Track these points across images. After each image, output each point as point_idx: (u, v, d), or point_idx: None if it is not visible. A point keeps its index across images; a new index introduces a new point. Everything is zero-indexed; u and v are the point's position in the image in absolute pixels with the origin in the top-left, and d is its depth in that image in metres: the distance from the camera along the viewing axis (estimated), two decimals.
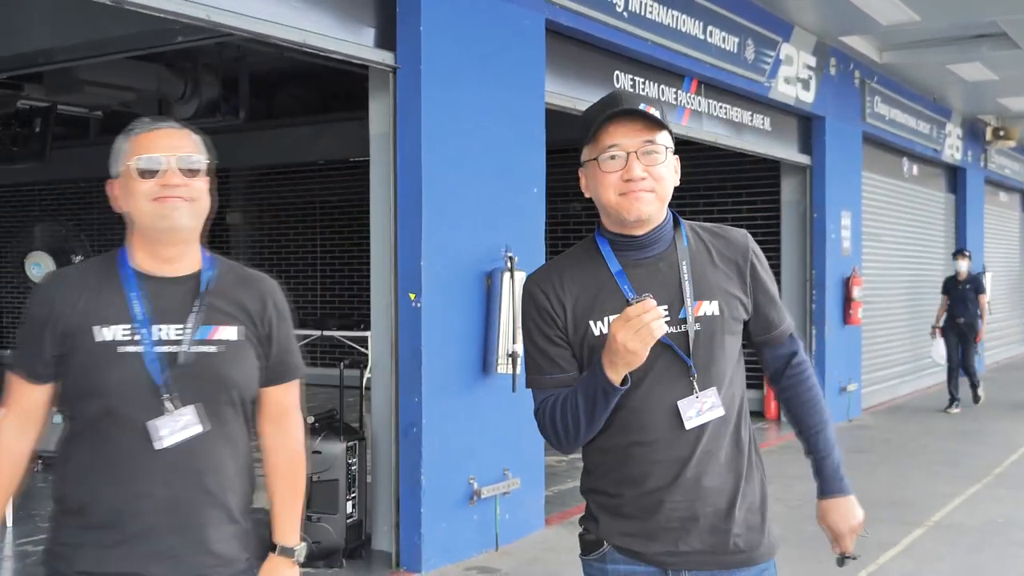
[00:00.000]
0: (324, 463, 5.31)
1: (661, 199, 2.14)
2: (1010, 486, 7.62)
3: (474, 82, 5.72)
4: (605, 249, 2.20)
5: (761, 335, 2.30)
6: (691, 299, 2.15)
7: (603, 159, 2.12)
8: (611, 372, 2.01)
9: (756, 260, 2.26)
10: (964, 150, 15.15)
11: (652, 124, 2.13)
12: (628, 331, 1.95)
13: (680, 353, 2.13)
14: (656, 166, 2.12)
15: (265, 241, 15.03)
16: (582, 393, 2.09)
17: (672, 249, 2.19)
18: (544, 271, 2.27)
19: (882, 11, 9.14)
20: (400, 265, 5.44)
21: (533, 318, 2.21)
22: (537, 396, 2.22)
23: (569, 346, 2.19)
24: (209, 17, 4.37)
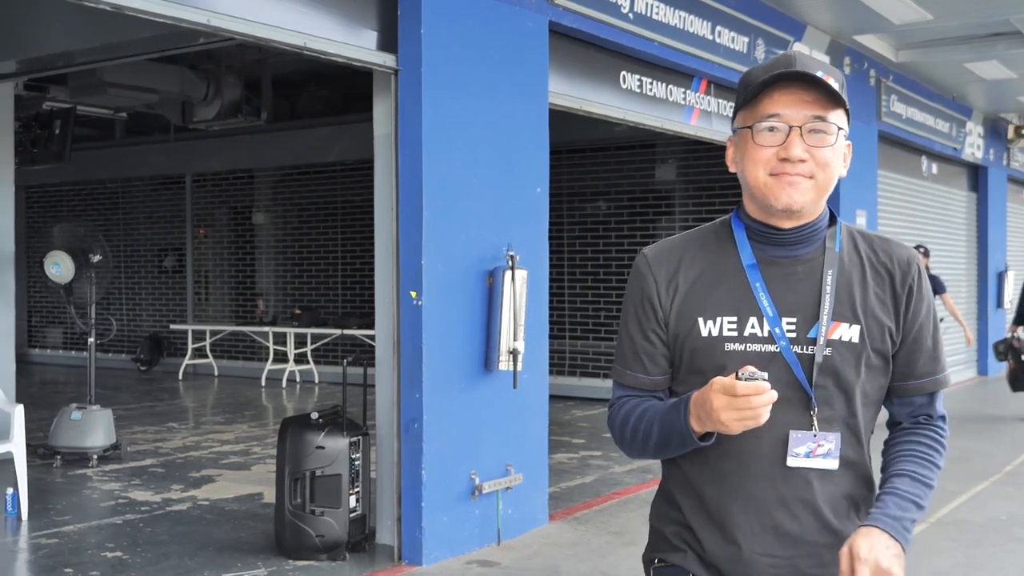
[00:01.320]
0: (328, 458, 5.42)
1: (820, 190, 1.80)
2: (1018, 484, 7.62)
3: (476, 83, 5.82)
4: (740, 236, 1.89)
5: (898, 379, 1.90)
6: (828, 316, 1.80)
7: (759, 129, 1.80)
8: (696, 424, 1.74)
9: (917, 287, 1.87)
10: (986, 148, 15.07)
11: (827, 97, 1.78)
12: (730, 409, 1.65)
13: (801, 378, 1.80)
14: (822, 148, 1.78)
15: (288, 241, 15.21)
16: (660, 423, 1.83)
17: (819, 252, 1.85)
18: (661, 248, 1.95)
19: (894, 10, 9.15)
20: (402, 264, 5.55)
21: (633, 300, 1.92)
22: (615, 388, 1.97)
23: (664, 344, 1.90)
24: (209, 22, 4.49)
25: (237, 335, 15.00)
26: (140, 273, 16.54)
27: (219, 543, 5.84)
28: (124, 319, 16.50)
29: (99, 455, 8.00)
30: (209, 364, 14.89)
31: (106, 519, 6.42)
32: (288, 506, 5.44)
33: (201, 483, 7.49)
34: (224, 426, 10.31)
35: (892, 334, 1.85)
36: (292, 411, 11.79)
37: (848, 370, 1.82)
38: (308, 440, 5.44)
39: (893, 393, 1.92)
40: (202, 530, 6.13)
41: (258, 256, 15.54)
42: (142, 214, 16.54)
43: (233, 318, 15.59)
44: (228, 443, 9.26)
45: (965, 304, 15.26)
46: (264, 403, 12.48)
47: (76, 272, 8.09)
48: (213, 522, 6.33)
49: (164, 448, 8.94)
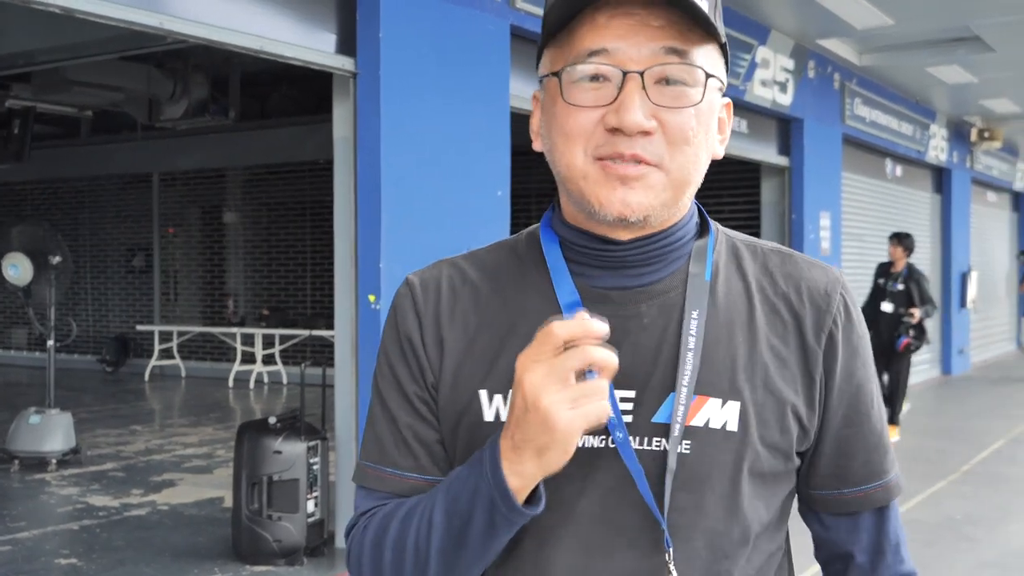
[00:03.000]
0: (286, 463, 5.41)
1: (678, 184, 1.09)
2: (975, 484, 7.71)
3: (436, 87, 5.82)
4: (552, 256, 1.15)
5: (826, 486, 1.18)
6: (688, 388, 1.08)
7: (572, 77, 1.07)
8: (511, 468, 0.99)
9: (844, 334, 1.15)
10: (949, 151, 15.22)
11: (688, 20, 1.05)
12: (555, 383, 0.95)
13: (645, 494, 1.06)
14: (680, 110, 1.06)
15: (257, 240, 15.16)
16: (444, 503, 1.05)
17: (677, 281, 1.14)
18: (433, 275, 1.20)
19: (856, 15, 9.23)
20: (360, 267, 5.55)
21: (391, 353, 1.19)
22: (361, 500, 1.19)
23: (438, 423, 1.16)
24: (162, 25, 4.47)
25: (205, 336, 14.92)
26: (107, 273, 16.42)
27: (176, 549, 5.81)
28: (90, 319, 16.37)
29: (58, 459, 7.93)
30: (176, 365, 14.80)
31: (62, 525, 6.37)
32: (245, 511, 5.42)
33: (161, 487, 7.44)
34: (189, 428, 10.25)
35: (800, 416, 1.12)
36: (260, 413, 11.75)
37: (721, 480, 1.08)
38: (265, 445, 5.42)
39: (815, 507, 1.20)
40: (160, 536, 6.10)
41: (227, 256, 15.47)
42: (109, 213, 16.42)
43: (201, 319, 15.51)
44: (192, 446, 9.22)
45: None
46: (231, 405, 12.42)
47: (35, 274, 8.03)
48: (171, 527, 6.30)
49: (126, 451, 8.88)
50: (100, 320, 16.43)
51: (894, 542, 1.20)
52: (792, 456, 1.14)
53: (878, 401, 1.20)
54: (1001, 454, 8.95)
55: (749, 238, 1.23)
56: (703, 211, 1.21)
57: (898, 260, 9.67)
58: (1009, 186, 19.19)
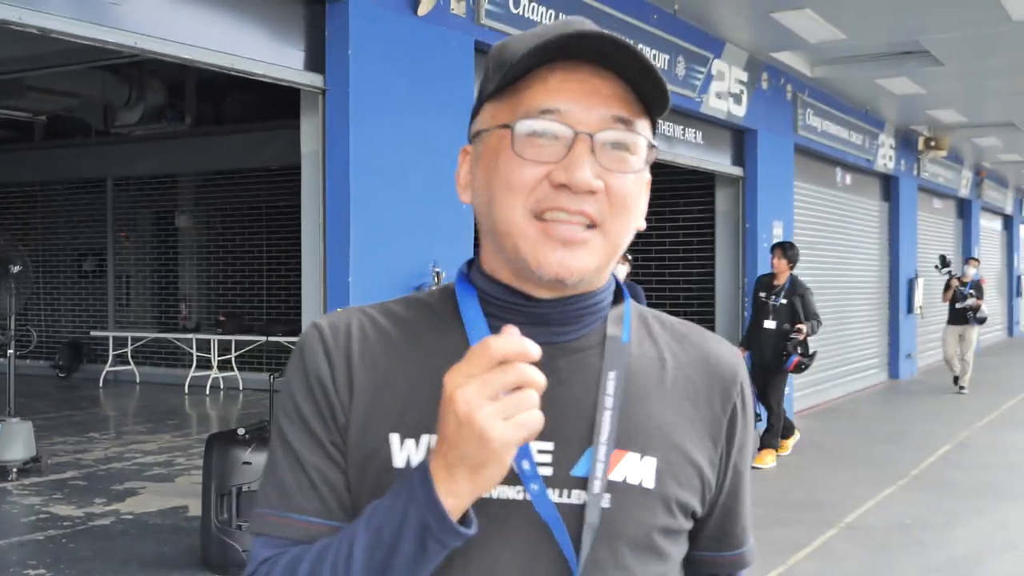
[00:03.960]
0: (255, 473, 5.47)
1: (611, 248, 1.11)
2: (922, 488, 7.95)
3: (404, 103, 5.91)
4: (470, 309, 1.16)
5: (705, 547, 1.25)
6: (606, 445, 1.10)
7: (523, 131, 1.08)
8: (445, 488, 0.98)
9: (742, 409, 1.22)
10: (897, 160, 15.59)
11: (635, 92, 1.10)
12: (485, 396, 0.95)
13: (565, 548, 1.08)
14: (623, 176, 1.09)
15: (212, 246, 15.11)
16: (366, 538, 1.02)
17: (595, 340, 1.16)
18: (343, 320, 1.18)
19: (809, 30, 9.46)
20: (329, 281, 5.63)
21: (298, 392, 1.14)
22: (258, 548, 1.12)
23: (344, 469, 1.13)
24: (136, 44, 4.53)
25: (159, 341, 14.85)
26: (59, 278, 16.27)
27: (143, 559, 5.84)
28: (42, 325, 16.21)
29: (19, 468, 7.90)
30: (131, 371, 14.71)
31: (27, 535, 6.37)
32: (215, 521, 5.48)
33: (124, 496, 7.45)
34: (147, 436, 10.22)
35: (704, 478, 1.17)
36: (216, 419, 11.74)
37: (637, 535, 1.12)
38: (234, 456, 5.48)
39: (695, 567, 1.26)
40: (126, 545, 6.13)
41: (181, 261, 15.41)
42: (61, 217, 16.27)
43: (156, 324, 15.43)
44: (151, 454, 9.21)
45: (879, 308, 15.79)
46: (188, 411, 12.39)
47: None
48: (137, 537, 6.32)
49: (85, 460, 8.86)
50: (52, 325, 16.28)
51: None
52: (693, 515, 1.18)
53: (748, 473, 1.28)
54: (948, 459, 9.23)
55: (656, 312, 1.28)
56: (618, 280, 1.23)
57: (781, 273, 8.95)
58: (954, 193, 19.66)
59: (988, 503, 7.45)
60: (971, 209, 21.13)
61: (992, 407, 12.76)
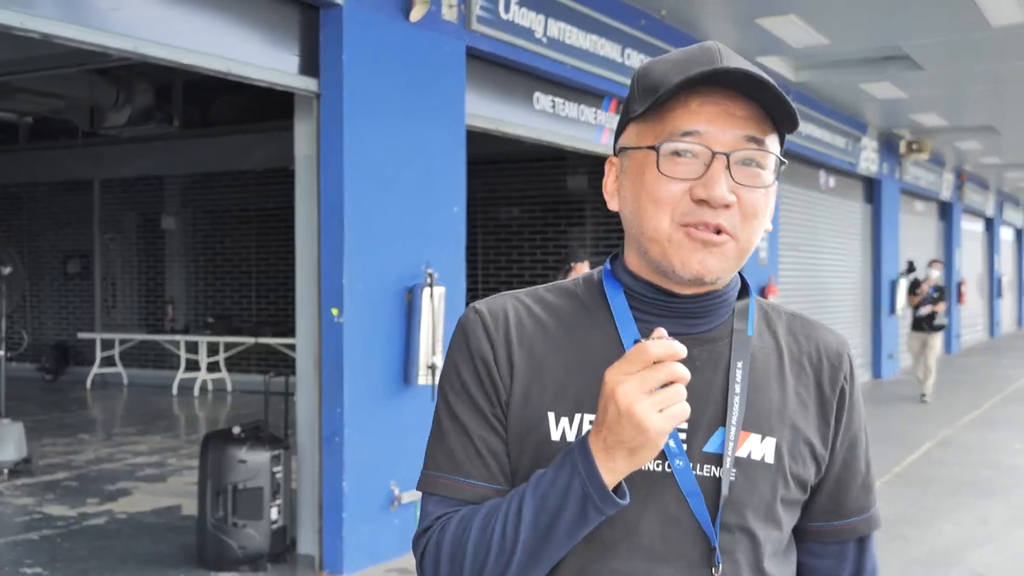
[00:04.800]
0: (250, 472, 5.55)
1: (742, 253, 1.26)
2: (905, 484, 8.09)
3: (396, 107, 6.00)
4: (617, 302, 1.31)
5: (820, 518, 1.37)
6: (736, 427, 1.26)
7: (667, 152, 1.23)
8: (604, 466, 1.14)
9: (850, 388, 1.36)
10: (880, 163, 15.76)
11: (765, 113, 1.24)
12: (643, 391, 1.11)
13: (701, 516, 1.24)
14: (755, 190, 1.24)
15: (200, 248, 15.14)
16: (533, 501, 1.18)
17: (724, 332, 1.32)
18: (499, 305, 1.34)
19: (794, 35, 9.60)
20: (324, 282, 5.70)
21: (464, 370, 1.31)
22: (431, 507, 1.29)
23: (505, 439, 1.29)
24: (137, 49, 4.60)
25: (147, 343, 14.86)
26: (45, 280, 16.27)
27: (140, 557, 5.91)
28: (28, 327, 16.20)
29: (10, 469, 7.95)
30: (118, 373, 14.73)
31: (22, 535, 6.43)
32: (210, 519, 5.55)
33: (117, 496, 7.51)
34: (137, 437, 10.27)
35: (817, 454, 1.32)
36: (205, 421, 11.79)
37: (759, 504, 1.27)
38: (230, 454, 5.55)
39: (808, 537, 1.38)
40: (121, 544, 6.19)
41: (169, 263, 15.43)
42: (47, 219, 16.27)
43: (143, 326, 15.45)
44: (142, 455, 9.26)
45: (861, 310, 15.96)
46: (176, 413, 12.43)
47: None
48: (132, 536, 6.39)
49: (76, 461, 8.90)
50: (39, 328, 16.28)
51: (871, 569, 1.42)
52: (807, 488, 1.33)
53: (867, 446, 1.41)
54: (930, 457, 9.38)
55: (773, 303, 1.43)
56: (744, 278, 1.39)
57: None
58: (936, 196, 19.87)
59: (969, 499, 7.59)
60: (953, 211, 21.36)
61: (974, 406, 12.93)
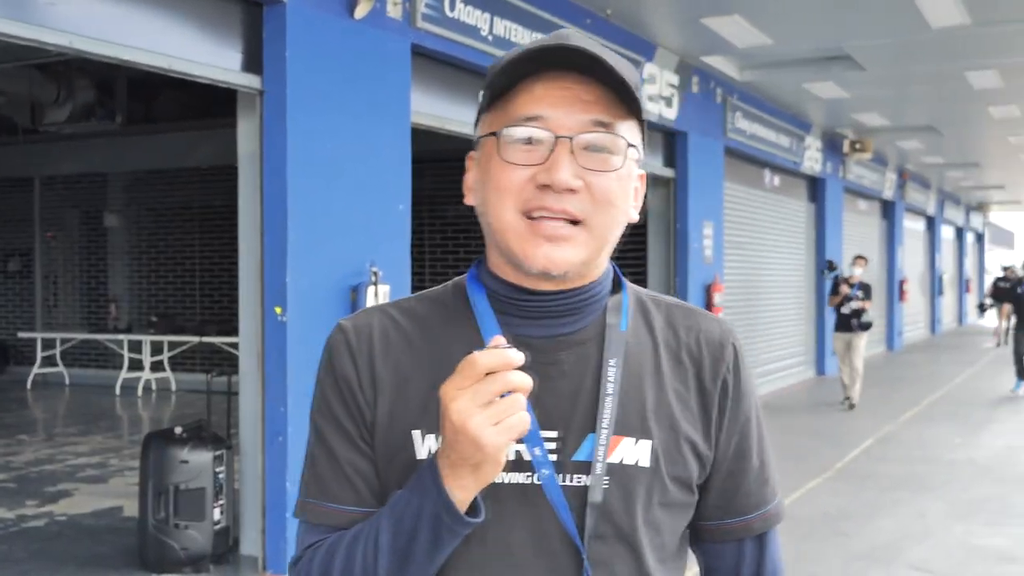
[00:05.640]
0: (192, 472, 5.49)
1: (598, 242, 1.21)
2: (847, 480, 8.22)
3: (341, 105, 5.97)
4: (480, 306, 1.26)
5: (712, 516, 1.32)
6: (607, 430, 1.20)
7: (509, 138, 1.19)
8: (453, 483, 1.11)
9: (735, 379, 1.30)
10: (823, 162, 15.98)
11: (615, 96, 1.19)
12: (476, 404, 1.06)
13: (569, 527, 1.19)
14: (603, 174, 1.18)
15: (144, 246, 14.94)
16: (389, 527, 1.15)
17: (595, 331, 1.25)
18: (367, 317, 1.30)
19: (738, 35, 9.70)
20: (267, 281, 5.66)
21: (329, 393, 1.27)
22: (304, 536, 1.27)
23: (373, 459, 1.25)
24: (72, 44, 4.53)
25: (89, 342, 14.64)
26: None
27: (80, 559, 5.82)
28: None
29: None
30: (60, 373, 14.48)
31: None
32: (151, 520, 5.48)
33: (58, 498, 7.39)
34: (79, 437, 10.11)
35: (700, 452, 1.27)
36: (148, 421, 11.64)
37: (635, 511, 1.22)
38: (172, 455, 5.49)
39: (704, 537, 1.34)
40: (61, 547, 6.10)
41: (111, 262, 15.20)
42: None
43: (85, 325, 15.21)
44: (83, 455, 9.12)
45: (806, 308, 16.18)
46: (119, 413, 12.26)
47: None
48: (73, 538, 6.29)
49: (16, 462, 8.75)
50: None
51: (772, 569, 1.34)
52: (693, 488, 1.28)
53: (760, 438, 1.34)
54: (870, 453, 9.53)
55: (653, 293, 1.36)
56: (618, 270, 1.33)
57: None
58: (879, 195, 20.19)
59: (908, 494, 7.73)
60: (895, 210, 21.71)
61: (913, 403, 13.17)
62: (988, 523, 6.88)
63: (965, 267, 34.22)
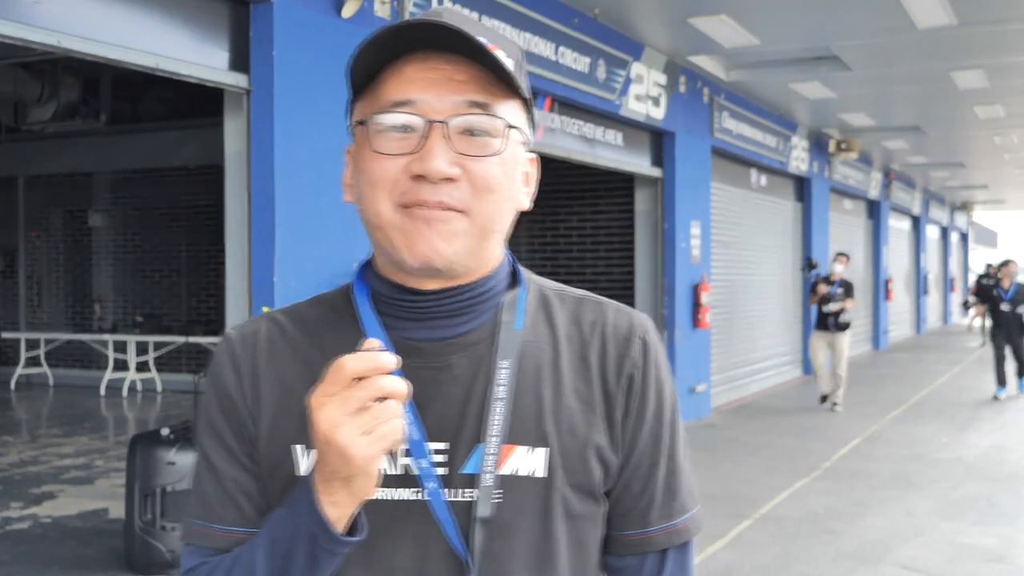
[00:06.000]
0: (179, 473, 5.45)
1: (482, 232, 1.11)
2: (835, 479, 8.23)
3: (327, 103, 5.94)
4: (364, 309, 1.16)
5: (615, 527, 1.20)
6: (496, 438, 1.11)
7: (378, 126, 1.10)
8: (327, 500, 1.03)
9: (643, 376, 1.18)
10: (810, 161, 16.03)
11: (491, 75, 1.09)
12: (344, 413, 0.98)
13: (456, 545, 1.10)
14: (483, 159, 1.09)
15: (129, 246, 14.86)
16: (265, 548, 1.07)
17: (490, 330, 1.16)
18: (255, 325, 1.22)
19: (725, 35, 9.71)
20: (254, 280, 5.63)
21: (211, 408, 1.19)
22: (183, 561, 1.19)
23: (259, 476, 1.16)
24: (60, 43, 4.49)
25: (73, 343, 14.55)
26: None
27: (65, 561, 5.78)
28: None
29: None
30: (44, 373, 14.39)
31: None
32: (138, 522, 5.45)
33: (42, 499, 7.33)
34: (63, 439, 10.04)
35: (605, 458, 1.15)
36: (134, 422, 11.58)
37: (532, 525, 1.12)
38: (159, 456, 5.45)
39: (610, 549, 1.21)
40: (46, 549, 6.05)
41: (97, 262, 15.12)
42: None
43: (70, 325, 15.12)
44: (68, 457, 9.06)
45: (792, 307, 16.21)
46: (104, 414, 12.19)
47: None
48: (57, 540, 6.24)
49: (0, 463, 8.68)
50: None
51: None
52: (599, 497, 1.16)
53: (674, 442, 1.21)
54: (858, 451, 9.55)
55: (560, 286, 1.25)
56: (516, 263, 1.22)
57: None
58: (864, 194, 20.26)
59: (896, 493, 7.75)
60: (880, 210, 21.79)
61: (900, 401, 13.21)
62: (976, 522, 6.90)
63: (950, 266, 34.39)
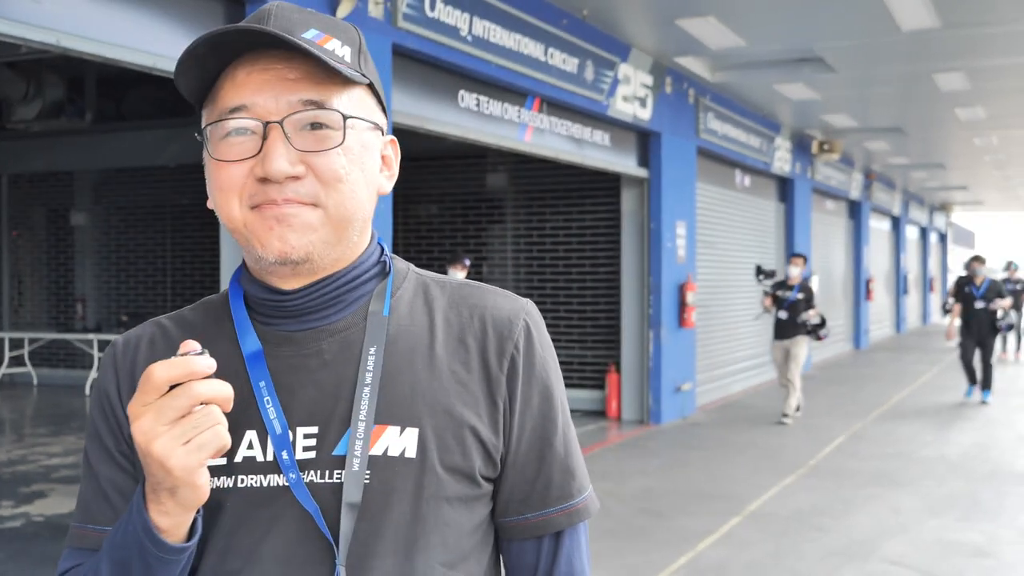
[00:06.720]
0: None
1: (337, 221, 1.12)
2: (821, 477, 8.32)
3: None
4: (237, 309, 1.19)
5: (503, 513, 1.20)
6: (365, 421, 1.11)
7: (217, 134, 1.11)
8: (157, 510, 1.02)
9: (525, 360, 1.18)
10: (793, 162, 16.15)
11: (323, 70, 1.10)
12: (160, 422, 0.97)
13: (320, 525, 1.09)
14: (324, 154, 1.10)
15: (113, 245, 14.82)
16: (109, 554, 1.08)
17: (359, 317, 1.17)
18: (140, 330, 1.23)
19: (711, 36, 9.79)
20: None
21: (94, 412, 1.21)
22: (62, 561, 1.20)
23: (136, 477, 1.17)
24: (59, 42, 4.50)
25: (57, 342, 14.49)
26: None
27: (58, 560, 5.77)
28: None
29: None
30: (27, 373, 14.33)
31: None
32: None
33: (33, 498, 7.33)
34: (51, 438, 10.02)
35: (483, 439, 1.15)
36: None
37: (402, 507, 1.11)
38: None
39: (505, 535, 1.21)
40: (39, 547, 6.05)
41: (80, 261, 15.07)
42: None
43: (53, 324, 15.06)
44: (57, 455, 9.04)
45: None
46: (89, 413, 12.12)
47: None
48: (50, 538, 6.25)
49: None
50: None
51: (567, 571, 1.20)
52: (478, 480, 1.15)
53: (565, 424, 1.21)
54: (843, 449, 9.65)
55: (443, 277, 1.26)
56: (386, 253, 1.23)
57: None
58: (846, 195, 20.42)
59: (882, 490, 7.84)
60: (861, 210, 21.96)
61: (883, 400, 13.35)
62: (961, 518, 6.99)
63: (929, 267, 34.67)
